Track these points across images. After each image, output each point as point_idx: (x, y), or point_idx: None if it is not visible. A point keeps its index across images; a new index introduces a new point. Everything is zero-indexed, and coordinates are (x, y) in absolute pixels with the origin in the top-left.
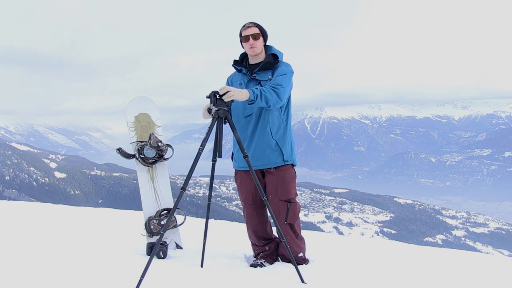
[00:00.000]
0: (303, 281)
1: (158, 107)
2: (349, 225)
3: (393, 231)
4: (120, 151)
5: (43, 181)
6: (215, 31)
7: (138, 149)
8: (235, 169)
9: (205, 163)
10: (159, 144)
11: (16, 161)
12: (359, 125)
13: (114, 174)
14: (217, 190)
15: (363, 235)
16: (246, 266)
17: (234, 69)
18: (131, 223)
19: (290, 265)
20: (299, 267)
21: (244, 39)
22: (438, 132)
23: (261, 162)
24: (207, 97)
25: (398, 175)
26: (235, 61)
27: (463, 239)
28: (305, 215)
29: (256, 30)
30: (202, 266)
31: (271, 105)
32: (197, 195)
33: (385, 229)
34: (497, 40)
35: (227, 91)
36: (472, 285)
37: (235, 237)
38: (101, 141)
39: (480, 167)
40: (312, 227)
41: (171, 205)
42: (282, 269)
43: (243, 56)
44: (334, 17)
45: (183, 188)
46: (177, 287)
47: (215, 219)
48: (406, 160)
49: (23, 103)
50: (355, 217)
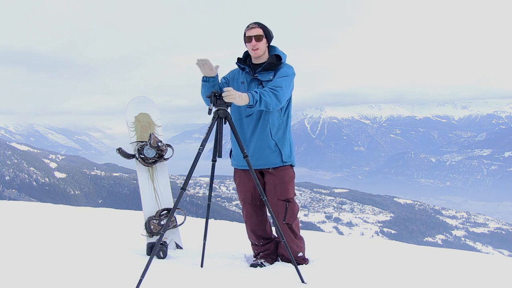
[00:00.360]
0: (303, 281)
1: (158, 107)
2: (349, 225)
3: (393, 231)
4: (120, 151)
5: (43, 181)
6: (215, 31)
7: (138, 149)
8: (234, 168)
9: (205, 163)
10: (159, 144)
11: (16, 161)
12: (359, 125)
13: (114, 174)
14: (217, 190)
15: (363, 235)
16: (246, 266)
17: (237, 66)
18: (131, 223)
19: (290, 265)
20: (299, 267)
21: (247, 40)
22: (438, 132)
23: (260, 162)
24: (207, 97)
25: (398, 175)
26: (239, 59)
27: (463, 239)
28: (305, 215)
29: (259, 31)
30: (202, 266)
31: (270, 108)
32: (197, 195)
33: (385, 229)
34: (498, 40)
35: (229, 93)
36: (472, 285)
37: (235, 237)
38: (101, 141)
39: (480, 167)
40: (312, 227)
41: (171, 205)
42: (282, 269)
43: (247, 54)
44: (334, 17)
45: (183, 188)
46: (177, 287)
47: (215, 219)
48: (406, 160)
49: (23, 103)
50: (355, 217)
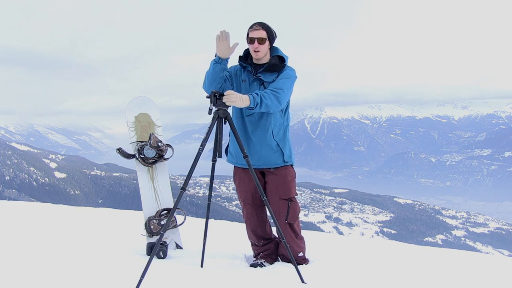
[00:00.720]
0: (303, 281)
1: (158, 107)
2: (349, 225)
3: (393, 231)
4: (120, 151)
5: (43, 181)
6: (215, 31)
7: (138, 149)
8: (234, 166)
9: (205, 163)
10: (159, 144)
11: (16, 161)
12: (359, 125)
13: (114, 174)
14: (217, 190)
15: (363, 235)
16: (246, 266)
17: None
18: (131, 223)
19: (290, 265)
20: (299, 267)
21: (249, 41)
22: (438, 132)
23: (261, 162)
24: (207, 97)
25: (398, 175)
26: (240, 58)
27: (463, 239)
28: (305, 215)
29: (263, 34)
30: (202, 266)
31: (270, 110)
32: (197, 195)
33: (385, 229)
34: (497, 40)
35: (230, 96)
36: (472, 285)
37: (235, 237)
38: (101, 141)
39: (480, 167)
40: (312, 227)
41: (171, 205)
42: (282, 269)
43: (247, 51)
44: (334, 17)
45: (183, 188)
46: (177, 287)
47: (215, 219)
48: (406, 160)
49: (23, 103)
50: (355, 217)
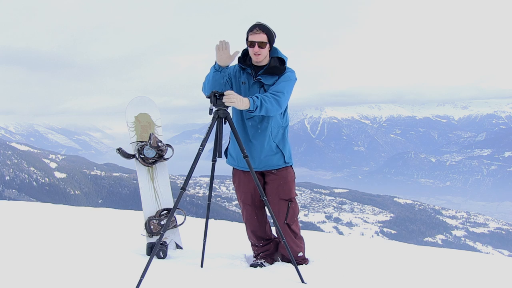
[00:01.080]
0: (303, 281)
1: (158, 107)
2: (349, 225)
3: (393, 231)
4: (120, 151)
5: (43, 181)
6: (215, 31)
7: (138, 149)
8: (234, 168)
9: (205, 163)
10: (159, 144)
11: (16, 161)
12: (359, 125)
13: (114, 174)
14: (217, 190)
15: (363, 235)
16: (246, 266)
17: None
18: (131, 223)
19: (290, 265)
20: (299, 267)
21: (249, 44)
22: (438, 132)
23: (263, 164)
24: (207, 97)
25: (398, 175)
26: (239, 59)
27: (463, 239)
28: (305, 215)
29: (263, 37)
30: (202, 266)
31: (270, 114)
32: (197, 195)
33: (385, 229)
34: (498, 40)
35: (230, 97)
36: (472, 285)
37: (235, 237)
38: (101, 141)
39: (480, 167)
40: (312, 227)
41: (171, 205)
42: (282, 269)
43: (246, 52)
44: (334, 17)
45: (183, 188)
46: (177, 287)
47: (215, 219)
48: (406, 160)
49: (23, 103)
50: (355, 217)
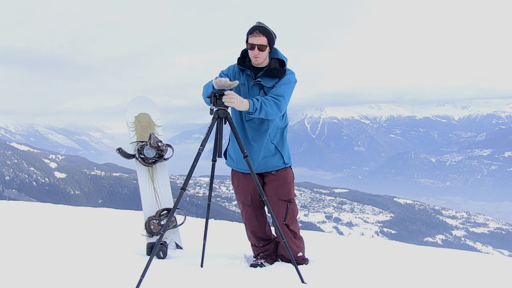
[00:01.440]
0: (303, 281)
1: (158, 107)
2: (349, 225)
3: (393, 231)
4: (120, 151)
5: (43, 181)
6: (215, 31)
7: (138, 149)
8: (233, 169)
9: (205, 163)
10: (159, 144)
11: (16, 161)
12: (359, 125)
13: (114, 174)
14: (217, 190)
15: (363, 235)
16: (246, 266)
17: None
18: (131, 223)
19: (290, 265)
20: (299, 267)
21: (249, 47)
22: (438, 132)
23: (262, 166)
24: (207, 97)
25: (398, 175)
26: (239, 60)
27: (463, 239)
28: (305, 215)
29: (263, 40)
30: (202, 266)
31: (270, 117)
32: (197, 195)
33: (385, 229)
34: (497, 40)
35: (230, 97)
36: (472, 285)
37: (235, 237)
38: (101, 141)
39: (480, 167)
40: (312, 227)
41: (171, 205)
42: (282, 269)
43: (246, 52)
44: (334, 17)
45: (183, 188)
46: (177, 287)
47: (215, 219)
48: (406, 160)
49: (23, 103)
50: (355, 217)
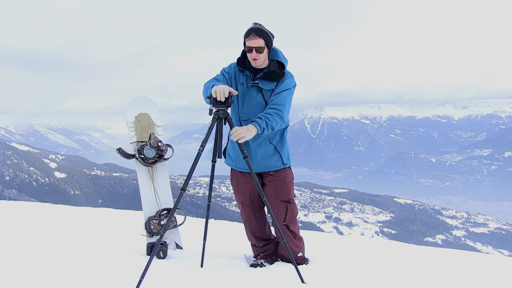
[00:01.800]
0: (303, 281)
1: (158, 107)
2: (349, 225)
3: (393, 231)
4: (120, 151)
5: (43, 181)
6: (215, 31)
7: (138, 149)
8: (232, 169)
9: (205, 163)
10: (159, 144)
11: (16, 161)
12: (359, 125)
13: (114, 174)
14: (217, 190)
15: (363, 235)
16: (246, 266)
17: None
18: (131, 223)
19: (290, 265)
20: (299, 267)
21: (247, 49)
22: (438, 132)
23: (261, 166)
24: (207, 98)
25: (398, 175)
26: (238, 60)
27: (463, 239)
28: (305, 215)
29: (261, 42)
30: (202, 266)
31: (275, 130)
32: (197, 195)
33: (385, 229)
34: (497, 40)
35: (238, 134)
36: (472, 285)
37: (235, 237)
38: (101, 141)
39: (480, 167)
40: (312, 227)
41: (171, 205)
42: (282, 269)
43: (245, 53)
44: (334, 17)
45: (183, 188)
46: (177, 287)
47: (215, 219)
48: (406, 160)
49: (23, 103)
50: (355, 217)
